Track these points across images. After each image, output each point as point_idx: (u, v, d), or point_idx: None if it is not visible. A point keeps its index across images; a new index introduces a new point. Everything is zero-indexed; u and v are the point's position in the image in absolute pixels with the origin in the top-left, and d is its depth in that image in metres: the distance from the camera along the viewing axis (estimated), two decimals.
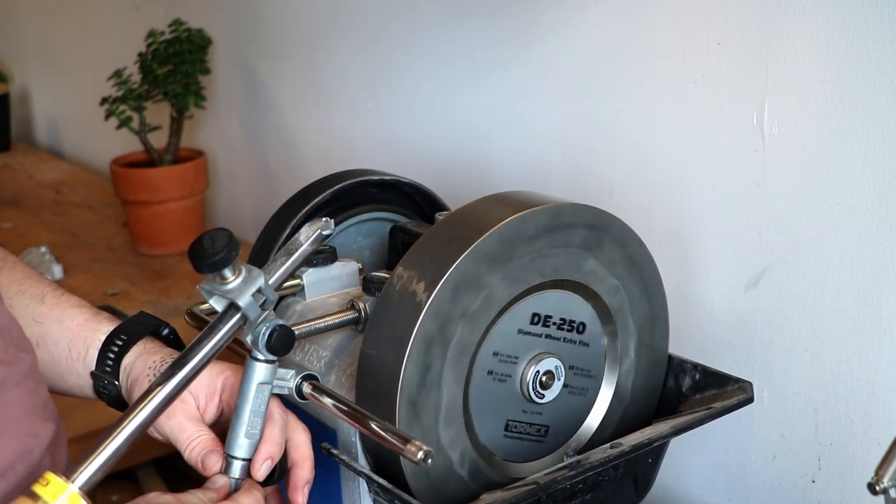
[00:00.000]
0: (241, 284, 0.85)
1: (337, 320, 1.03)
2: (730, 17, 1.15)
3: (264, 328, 0.87)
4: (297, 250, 0.88)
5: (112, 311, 1.73)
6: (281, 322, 0.87)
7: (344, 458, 0.97)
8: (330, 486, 1.02)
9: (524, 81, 1.44)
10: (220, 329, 0.85)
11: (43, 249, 2.00)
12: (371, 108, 1.74)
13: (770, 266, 1.17)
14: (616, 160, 1.32)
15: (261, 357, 0.88)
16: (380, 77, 1.71)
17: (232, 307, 0.85)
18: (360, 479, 0.96)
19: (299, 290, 1.11)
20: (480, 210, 0.97)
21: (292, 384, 0.91)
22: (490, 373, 0.96)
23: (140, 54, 1.97)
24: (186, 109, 1.98)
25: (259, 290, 0.85)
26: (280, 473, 0.91)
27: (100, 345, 0.98)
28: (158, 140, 2.02)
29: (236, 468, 0.89)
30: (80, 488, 0.76)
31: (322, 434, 0.99)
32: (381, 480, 0.92)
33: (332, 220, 0.88)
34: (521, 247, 0.94)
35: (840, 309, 1.11)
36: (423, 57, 1.61)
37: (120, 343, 0.97)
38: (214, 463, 0.90)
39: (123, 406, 0.98)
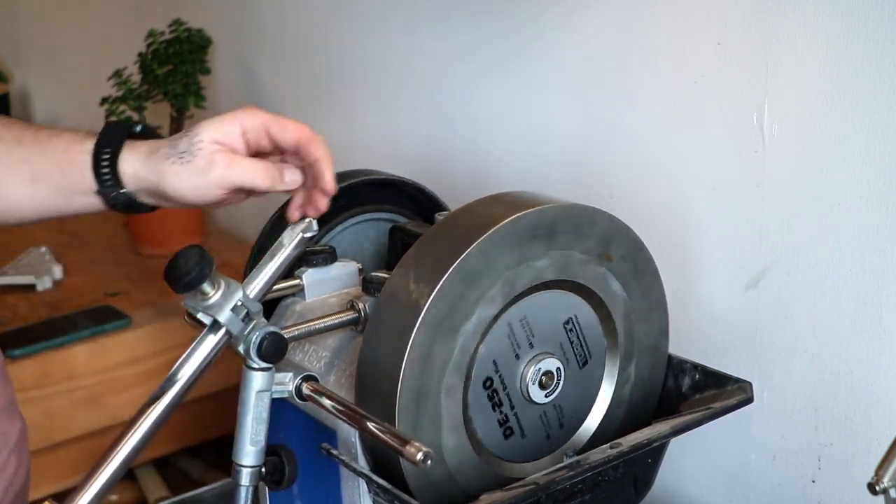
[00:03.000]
0: (220, 300, 0.85)
1: (337, 320, 1.03)
2: (730, 17, 1.14)
3: (255, 337, 0.86)
4: (278, 254, 0.88)
5: (112, 312, 1.75)
6: (271, 329, 0.87)
7: (344, 458, 0.97)
8: (330, 486, 1.02)
9: (524, 81, 1.43)
10: (204, 346, 0.86)
11: (43, 249, 2.00)
12: (371, 107, 1.74)
13: (770, 266, 1.17)
14: (616, 160, 1.32)
15: (255, 366, 0.88)
16: (379, 77, 1.71)
17: (215, 323, 0.86)
18: (360, 479, 0.96)
19: (299, 291, 1.11)
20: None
21: (291, 387, 0.91)
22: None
23: (140, 54, 1.97)
24: (186, 109, 1.97)
25: (240, 304, 0.85)
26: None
27: (91, 166, 0.98)
28: None
29: (245, 476, 0.89)
30: None
31: (322, 434, 0.99)
32: (380, 481, 0.92)
33: (315, 221, 0.88)
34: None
35: (840, 309, 1.11)
36: (423, 57, 1.61)
37: (107, 158, 0.98)
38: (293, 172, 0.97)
39: (139, 208, 1.00)
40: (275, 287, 1.09)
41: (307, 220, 0.88)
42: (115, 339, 1.70)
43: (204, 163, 0.95)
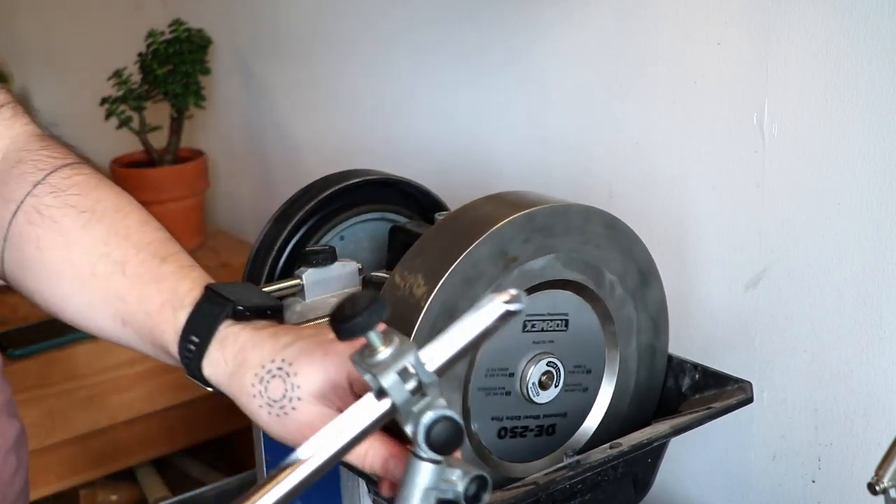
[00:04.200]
0: (388, 359, 0.69)
1: None
2: (730, 17, 1.14)
3: (426, 418, 0.70)
4: (472, 325, 0.70)
5: None
6: (446, 413, 0.70)
7: None
8: (330, 486, 1.02)
9: (524, 80, 1.43)
10: (362, 415, 0.71)
11: None
12: (370, 107, 1.74)
13: (770, 266, 1.17)
14: (616, 160, 1.32)
15: (423, 455, 0.71)
16: (379, 76, 1.71)
17: (380, 391, 0.70)
18: (360, 479, 0.96)
19: (299, 291, 1.11)
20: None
21: (460, 488, 0.72)
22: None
23: (140, 54, 1.97)
24: (186, 109, 1.98)
25: (411, 370, 0.69)
26: None
27: (177, 343, 0.86)
28: (158, 140, 2.02)
29: None
30: None
31: None
32: None
33: (524, 294, 0.70)
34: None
35: (840, 309, 1.11)
36: (422, 56, 1.61)
37: (192, 351, 0.85)
38: (395, 467, 0.78)
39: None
40: (275, 287, 1.09)
41: (514, 291, 0.70)
42: None
43: (296, 428, 0.80)
